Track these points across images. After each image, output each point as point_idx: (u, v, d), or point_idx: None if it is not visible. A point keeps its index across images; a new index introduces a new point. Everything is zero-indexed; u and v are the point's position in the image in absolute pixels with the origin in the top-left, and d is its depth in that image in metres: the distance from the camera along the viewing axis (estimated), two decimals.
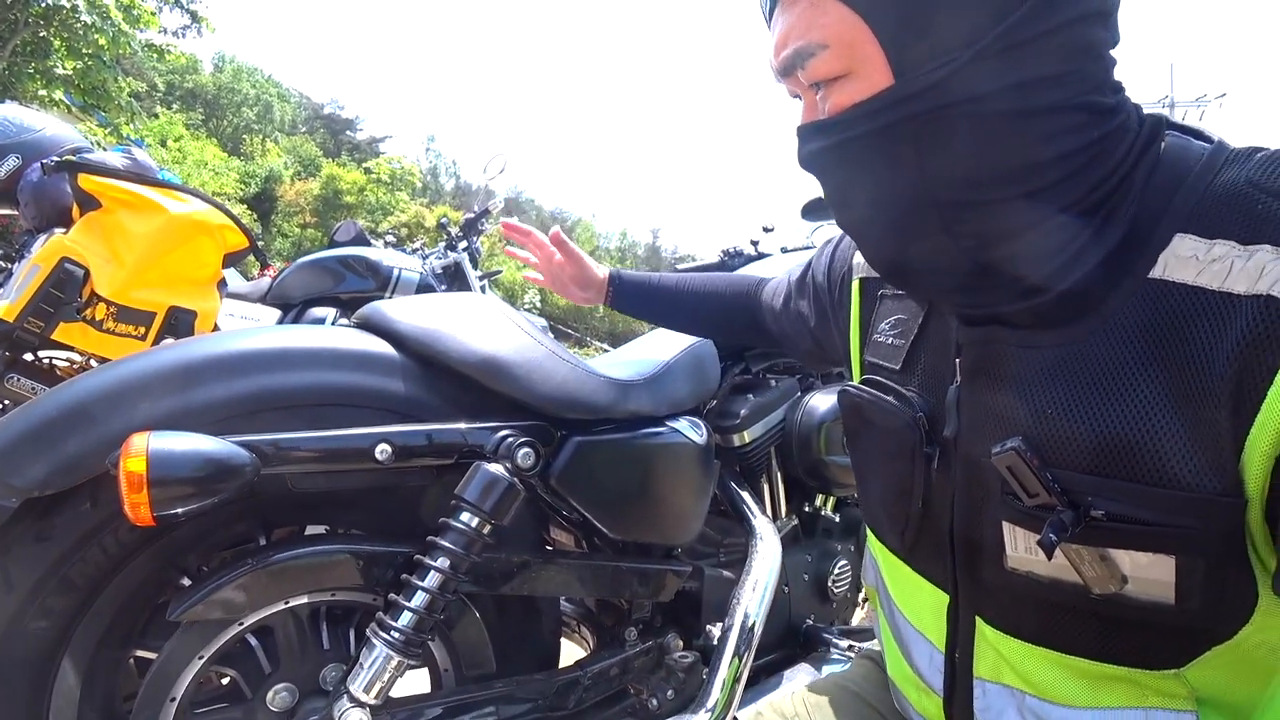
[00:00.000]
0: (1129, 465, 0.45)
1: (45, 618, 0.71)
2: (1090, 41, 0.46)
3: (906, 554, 0.64)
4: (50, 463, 0.68)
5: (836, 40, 0.48)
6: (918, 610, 0.64)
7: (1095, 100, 0.46)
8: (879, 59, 0.47)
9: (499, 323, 0.92)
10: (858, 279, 0.74)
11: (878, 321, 0.69)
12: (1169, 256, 0.45)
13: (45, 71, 9.12)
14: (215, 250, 1.81)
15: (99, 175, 1.68)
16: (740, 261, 1.79)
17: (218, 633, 0.77)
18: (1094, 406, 0.47)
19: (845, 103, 0.49)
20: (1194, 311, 0.43)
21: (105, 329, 1.70)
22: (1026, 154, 0.46)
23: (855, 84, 0.48)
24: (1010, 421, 0.51)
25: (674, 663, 1.02)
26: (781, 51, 0.51)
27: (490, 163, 3.34)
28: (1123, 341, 0.46)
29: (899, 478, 0.62)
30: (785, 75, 0.53)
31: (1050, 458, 0.48)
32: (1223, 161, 0.47)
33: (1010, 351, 0.52)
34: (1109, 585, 0.47)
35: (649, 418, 1.02)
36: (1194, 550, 0.43)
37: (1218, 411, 0.42)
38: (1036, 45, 0.44)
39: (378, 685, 0.75)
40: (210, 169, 18.50)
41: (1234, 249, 0.42)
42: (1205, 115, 19.48)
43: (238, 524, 0.81)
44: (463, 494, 0.79)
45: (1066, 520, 0.46)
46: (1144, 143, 0.49)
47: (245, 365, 0.77)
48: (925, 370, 0.62)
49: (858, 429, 0.69)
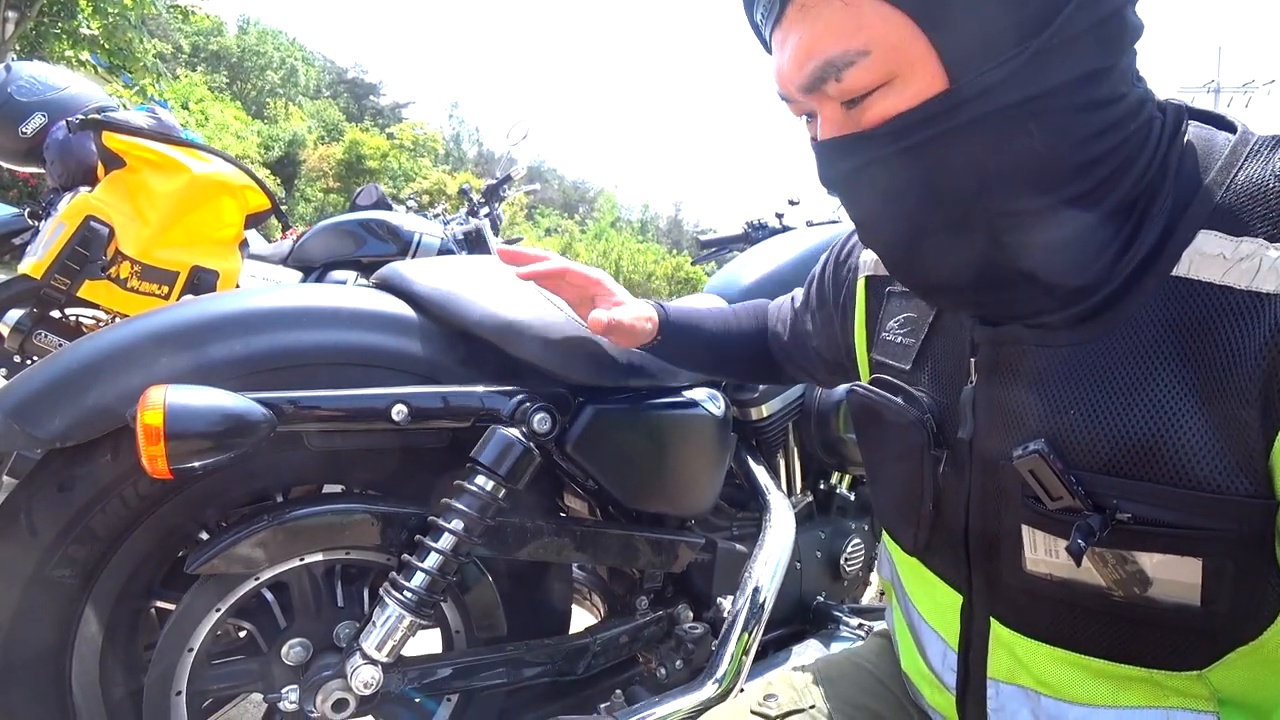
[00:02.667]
0: (1155, 467, 0.44)
1: (68, 566, 0.73)
2: (1133, 26, 0.44)
3: (920, 554, 0.63)
4: (71, 415, 0.68)
5: (880, 44, 0.43)
6: (931, 608, 0.64)
7: (1130, 91, 0.45)
8: (930, 61, 0.43)
9: (518, 287, 0.91)
10: (863, 277, 0.72)
11: (885, 319, 0.67)
12: (1194, 254, 0.43)
13: (71, 32, 9.15)
14: (238, 210, 1.81)
15: (123, 134, 1.68)
16: (764, 234, 1.76)
17: (234, 587, 0.79)
18: (1118, 407, 0.45)
19: (890, 112, 0.45)
20: (1221, 310, 0.42)
21: (130, 287, 1.71)
22: (1083, 151, 0.43)
23: (901, 91, 0.44)
24: (1030, 422, 0.50)
25: (684, 633, 1.02)
26: (805, 65, 0.46)
27: (513, 128, 3.30)
28: (1146, 340, 0.45)
29: (908, 479, 0.61)
30: (810, 91, 0.48)
31: (1073, 460, 0.47)
32: (1247, 153, 0.45)
33: (1030, 350, 0.51)
34: (1132, 588, 0.46)
35: (667, 388, 1.01)
36: (1221, 552, 0.42)
37: (1246, 411, 0.40)
38: (1093, 34, 0.42)
39: (390, 644, 0.76)
40: (233, 132, 18.57)
41: (1262, 246, 0.41)
42: (1252, 102, 18.85)
43: (255, 481, 0.82)
44: (478, 457, 0.78)
45: (1094, 525, 0.44)
46: (1170, 134, 0.47)
47: (264, 322, 0.77)
48: (937, 370, 0.60)
49: (867, 428, 0.68)
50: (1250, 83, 18.74)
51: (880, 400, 0.63)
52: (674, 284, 19.84)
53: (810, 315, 0.85)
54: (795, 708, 0.69)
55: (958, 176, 0.45)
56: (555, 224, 30.97)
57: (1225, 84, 18.77)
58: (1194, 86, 19.30)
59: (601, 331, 0.82)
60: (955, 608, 0.60)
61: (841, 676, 0.74)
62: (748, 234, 1.82)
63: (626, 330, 0.84)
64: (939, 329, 0.61)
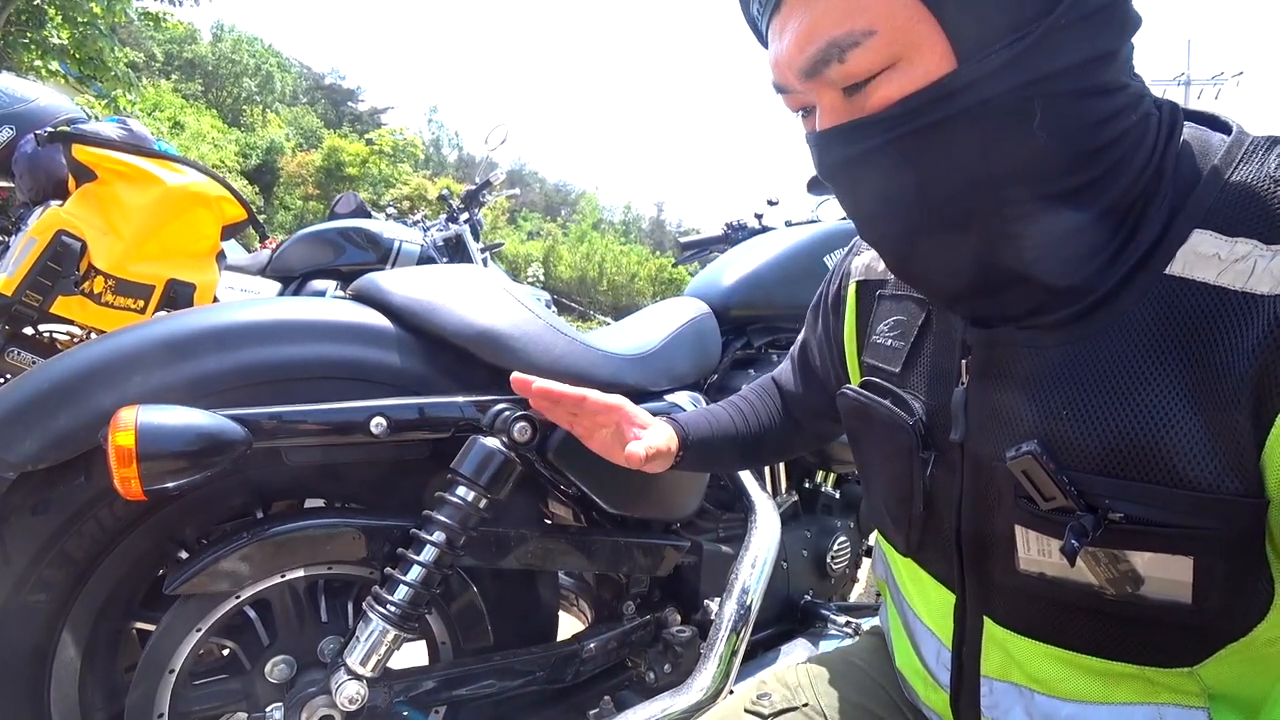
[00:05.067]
0: (1147, 466, 0.44)
1: (43, 591, 0.72)
2: (1133, 20, 0.44)
3: (913, 554, 0.63)
4: (43, 437, 0.67)
5: (886, 24, 0.42)
6: (925, 607, 0.64)
7: (1130, 81, 0.45)
8: (937, 41, 0.42)
9: (495, 295, 0.91)
10: (855, 282, 0.72)
11: (875, 323, 0.67)
12: (1188, 253, 0.43)
13: (40, 41, 8.99)
14: (213, 222, 1.79)
15: (93, 146, 1.66)
16: (744, 235, 1.76)
17: (216, 606, 0.78)
18: (1110, 407, 0.45)
19: (895, 95, 0.44)
20: (1214, 311, 0.42)
21: (104, 302, 1.69)
22: (1090, 138, 0.44)
23: (906, 73, 0.43)
24: (1022, 423, 0.50)
25: (672, 637, 1.02)
26: (807, 48, 0.45)
27: (492, 133, 3.30)
28: (1139, 340, 0.45)
29: (898, 480, 0.61)
30: (811, 76, 0.47)
31: (1065, 460, 0.47)
32: (1242, 153, 0.45)
33: (1022, 352, 0.51)
34: (1124, 586, 0.46)
35: (648, 392, 1.01)
36: (1213, 551, 0.43)
37: (1238, 411, 0.41)
38: (1100, 16, 0.42)
39: (374, 658, 0.75)
40: (209, 140, 18.36)
41: (1257, 247, 0.41)
42: (1221, 94, 19.19)
43: (236, 497, 0.81)
44: (459, 468, 0.78)
45: (1087, 525, 0.45)
46: (1167, 132, 0.47)
47: (238, 338, 0.76)
48: (927, 372, 0.60)
49: (857, 431, 0.68)
50: (1219, 75, 19.07)
51: (870, 402, 0.63)
52: (657, 285, 19.85)
53: (813, 343, 0.82)
54: (789, 706, 0.69)
55: (962, 163, 0.44)
56: (538, 227, 30.88)
57: (1195, 77, 19.09)
58: (1165, 80, 19.60)
59: (639, 465, 0.74)
60: (949, 606, 0.60)
61: (835, 674, 0.74)
62: (728, 235, 1.82)
63: (664, 455, 0.78)
64: (929, 332, 0.61)
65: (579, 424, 0.79)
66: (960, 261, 0.49)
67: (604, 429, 0.79)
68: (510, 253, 18.21)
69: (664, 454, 0.77)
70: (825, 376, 0.79)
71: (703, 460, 0.85)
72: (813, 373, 0.83)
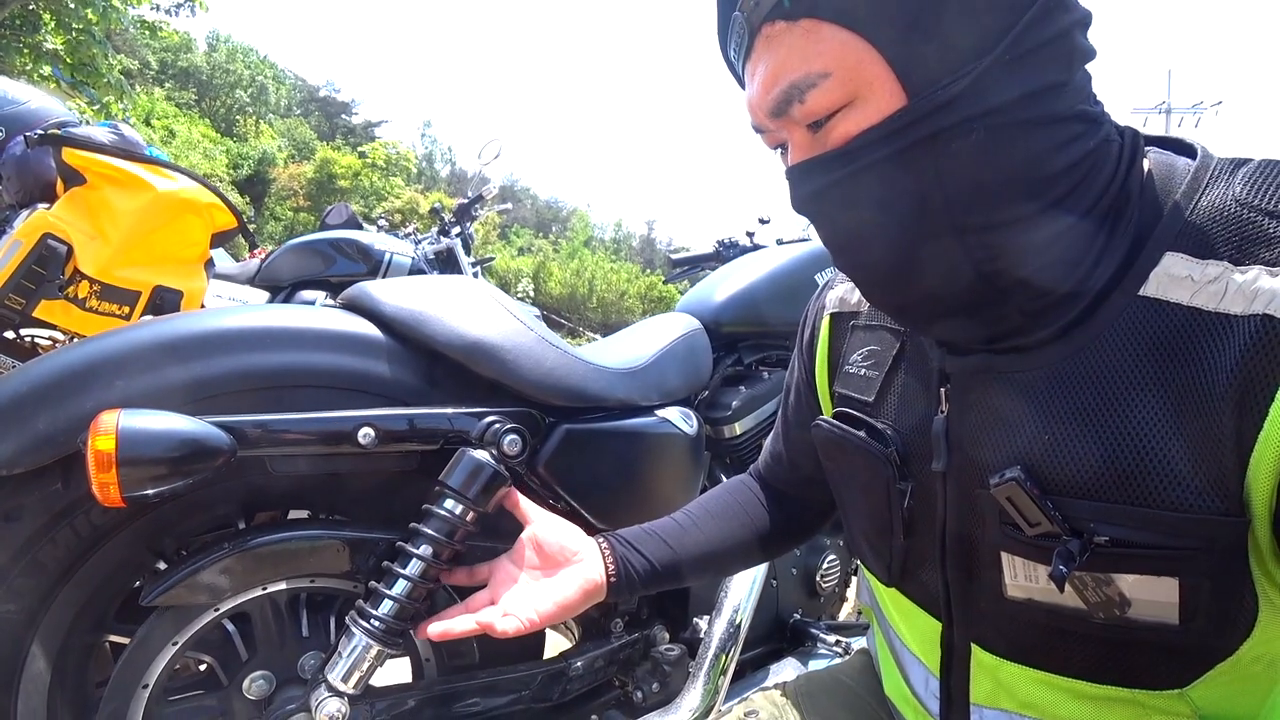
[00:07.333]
0: (1130, 489, 0.44)
1: (13, 600, 0.69)
2: (1083, 49, 0.45)
3: (895, 584, 0.63)
4: (19, 440, 0.66)
5: (839, 66, 0.45)
6: (912, 634, 0.63)
7: (1086, 109, 0.46)
8: (887, 80, 0.44)
9: (487, 306, 0.90)
10: (828, 314, 0.72)
11: (849, 353, 0.68)
12: (1161, 275, 0.44)
13: (34, 46, 8.96)
14: (203, 229, 1.78)
15: (84, 150, 1.64)
16: (735, 252, 1.77)
17: (193, 618, 0.76)
18: (1091, 430, 0.46)
19: (853, 131, 0.46)
20: (1191, 331, 0.43)
21: (88, 307, 1.67)
22: (1042, 165, 0.44)
23: (862, 110, 0.46)
24: (1004, 450, 0.50)
25: (660, 655, 1.01)
26: (771, 90, 0.48)
27: (485, 148, 3.31)
28: (1117, 362, 0.46)
29: (877, 512, 0.61)
30: (778, 116, 0.49)
31: (1048, 485, 0.47)
32: (1208, 177, 0.46)
33: (1001, 378, 0.51)
34: (1112, 610, 0.46)
35: (639, 407, 1.00)
36: (1198, 571, 0.43)
37: (1219, 431, 0.41)
38: (1044, 52, 0.43)
39: (356, 675, 0.73)
40: (201, 150, 18.30)
41: (1228, 269, 0.42)
42: (1201, 122, 19.64)
43: (217, 507, 0.79)
44: (447, 480, 0.77)
45: (1074, 550, 0.45)
46: (1130, 153, 0.48)
47: (225, 344, 0.75)
48: (900, 401, 0.60)
49: (833, 463, 0.68)
50: (1199, 104, 19.54)
51: (843, 434, 0.63)
52: (647, 302, 19.89)
53: (793, 390, 0.79)
54: None
55: (919, 192, 0.46)
56: (529, 243, 30.92)
57: (1176, 105, 19.54)
58: (1146, 108, 20.06)
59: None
60: (935, 634, 0.60)
61: (823, 693, 0.73)
62: (719, 252, 1.83)
63: (570, 605, 0.70)
64: (902, 360, 0.61)
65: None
66: (929, 286, 0.49)
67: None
68: (501, 268, 18.20)
69: (568, 605, 0.71)
70: (806, 426, 0.73)
71: (663, 581, 0.76)
72: (799, 425, 0.77)
